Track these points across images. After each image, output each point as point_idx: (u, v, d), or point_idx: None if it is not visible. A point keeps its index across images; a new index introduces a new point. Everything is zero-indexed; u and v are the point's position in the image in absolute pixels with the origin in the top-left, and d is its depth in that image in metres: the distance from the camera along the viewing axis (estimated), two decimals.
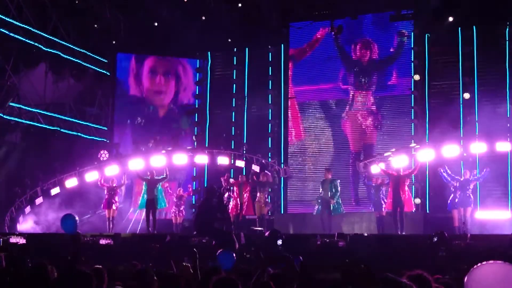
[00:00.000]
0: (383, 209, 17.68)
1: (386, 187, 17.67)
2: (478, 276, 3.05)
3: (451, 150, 17.90)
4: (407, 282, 3.57)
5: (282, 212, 21.72)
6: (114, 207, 19.21)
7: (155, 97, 24.39)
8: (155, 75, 24.35)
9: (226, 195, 17.37)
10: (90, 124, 23.28)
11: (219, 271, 6.16)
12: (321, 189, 18.11)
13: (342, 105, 21.93)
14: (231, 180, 19.30)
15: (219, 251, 7.40)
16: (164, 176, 18.77)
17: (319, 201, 18.18)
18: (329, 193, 17.76)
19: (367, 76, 21.68)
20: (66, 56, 21.81)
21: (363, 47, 21.86)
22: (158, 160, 19.89)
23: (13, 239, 15.49)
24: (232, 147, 22.03)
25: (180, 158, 20.30)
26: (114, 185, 19.38)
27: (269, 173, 19.33)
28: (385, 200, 17.57)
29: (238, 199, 18.74)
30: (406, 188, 17.14)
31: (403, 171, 17.24)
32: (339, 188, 18.06)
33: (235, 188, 18.88)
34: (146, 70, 24.30)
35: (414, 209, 17.85)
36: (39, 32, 20.68)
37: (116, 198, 19.42)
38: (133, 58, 24.23)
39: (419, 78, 20.50)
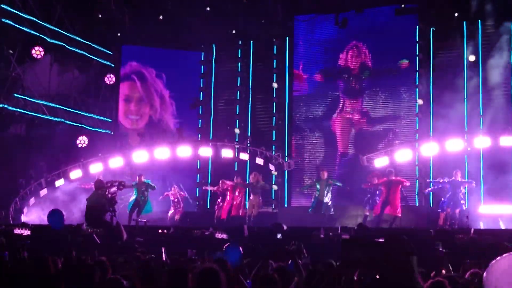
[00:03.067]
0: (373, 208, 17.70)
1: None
2: (497, 269, 3.07)
3: (455, 144, 17.89)
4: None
5: (286, 205, 21.74)
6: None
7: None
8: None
9: (113, 189, 17.09)
10: (94, 116, 23.29)
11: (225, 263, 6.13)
12: (318, 189, 18.21)
13: (345, 99, 21.96)
14: (227, 182, 19.30)
15: (226, 245, 7.32)
16: (153, 186, 19.00)
17: (314, 204, 18.23)
18: (325, 193, 17.92)
19: (370, 71, 21.73)
20: (71, 48, 21.79)
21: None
22: (161, 153, 19.99)
23: (17, 230, 15.49)
24: (236, 140, 22.03)
25: (184, 151, 20.33)
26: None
27: (259, 174, 19.26)
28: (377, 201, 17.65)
29: (232, 201, 18.75)
30: (398, 192, 17.21)
31: (394, 176, 17.27)
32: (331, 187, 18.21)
33: (227, 190, 18.89)
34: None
35: (400, 215, 17.13)
36: (44, 24, 20.66)
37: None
38: None
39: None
